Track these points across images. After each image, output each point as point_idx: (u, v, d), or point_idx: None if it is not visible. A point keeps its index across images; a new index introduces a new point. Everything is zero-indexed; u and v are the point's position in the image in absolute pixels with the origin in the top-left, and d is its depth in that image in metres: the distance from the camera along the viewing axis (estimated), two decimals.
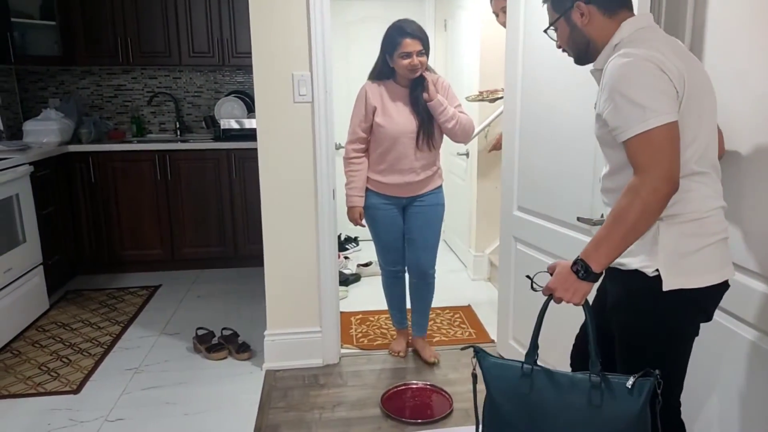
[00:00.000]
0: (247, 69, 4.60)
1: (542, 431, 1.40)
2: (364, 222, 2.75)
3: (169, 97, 4.59)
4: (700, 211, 1.34)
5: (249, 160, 4.14)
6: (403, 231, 2.77)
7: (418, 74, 2.51)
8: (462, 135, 2.65)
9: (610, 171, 1.46)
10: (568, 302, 1.39)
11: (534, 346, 1.46)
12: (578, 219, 2.14)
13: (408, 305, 2.96)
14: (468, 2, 3.98)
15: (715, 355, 1.70)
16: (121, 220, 4.13)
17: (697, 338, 1.49)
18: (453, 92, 2.67)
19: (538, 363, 1.45)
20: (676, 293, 1.34)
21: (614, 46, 1.39)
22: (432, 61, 2.82)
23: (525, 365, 1.43)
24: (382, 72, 2.59)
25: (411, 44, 2.44)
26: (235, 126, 4.21)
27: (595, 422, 1.34)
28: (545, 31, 1.55)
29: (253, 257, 4.25)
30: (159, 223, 4.18)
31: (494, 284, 3.98)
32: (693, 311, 1.41)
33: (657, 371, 1.32)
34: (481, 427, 1.51)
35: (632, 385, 1.31)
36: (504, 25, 2.75)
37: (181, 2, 4.15)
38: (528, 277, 1.53)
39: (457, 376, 2.74)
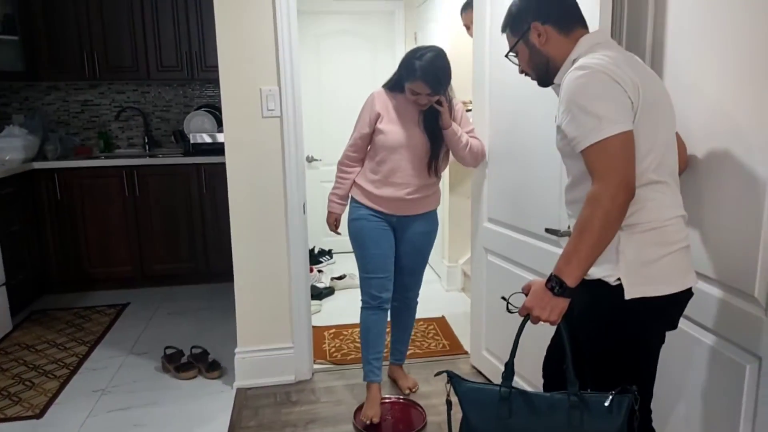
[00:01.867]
0: (217, 82, 4.46)
1: None
2: (339, 231, 2.59)
3: (137, 112, 4.53)
4: (659, 220, 1.36)
5: (219, 174, 4.05)
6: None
7: (423, 108, 2.37)
8: (472, 161, 2.52)
9: (571, 182, 1.48)
10: (545, 321, 1.37)
11: (511, 370, 1.44)
12: (546, 230, 2.15)
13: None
14: (438, 15, 4.02)
15: (681, 362, 1.72)
16: (89, 238, 4.04)
17: (663, 345, 1.50)
18: (466, 117, 2.55)
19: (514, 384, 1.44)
20: (639, 302, 1.35)
21: (572, 61, 1.41)
22: None
23: (503, 389, 1.40)
24: (396, 84, 2.42)
25: (422, 87, 2.27)
26: (206, 140, 4.17)
27: None
28: (506, 56, 1.57)
29: (225, 273, 4.16)
30: (128, 240, 4.10)
31: (468, 295, 3.98)
32: (656, 320, 1.42)
33: (634, 387, 1.33)
34: None
35: (610, 403, 1.31)
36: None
37: (149, 16, 4.11)
38: (503, 298, 1.51)
39: (430, 389, 2.72)
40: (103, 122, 4.51)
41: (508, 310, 1.48)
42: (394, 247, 2.51)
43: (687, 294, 1.42)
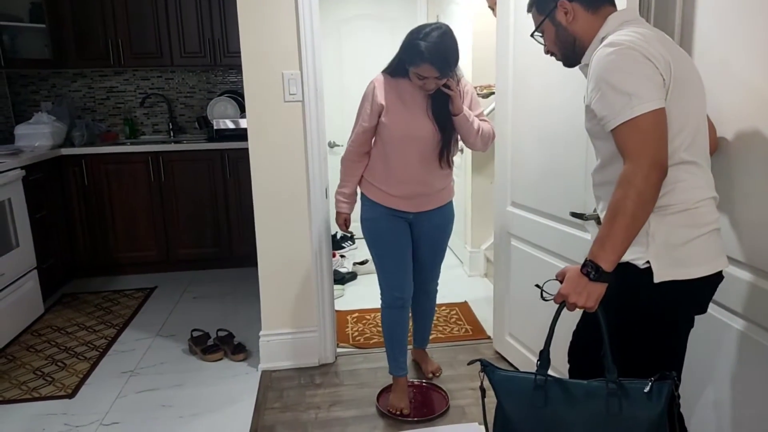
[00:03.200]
0: (240, 68, 4.53)
1: None
2: (351, 230, 2.53)
3: (161, 98, 4.57)
4: (690, 202, 1.33)
5: (243, 160, 4.11)
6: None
7: (431, 92, 2.18)
8: (482, 146, 2.31)
9: (601, 164, 1.46)
10: (582, 307, 1.34)
11: (547, 358, 1.42)
12: (571, 214, 2.12)
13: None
14: None
15: (709, 347, 1.69)
16: (116, 222, 4.11)
17: (691, 330, 1.48)
18: (477, 99, 2.35)
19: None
20: (668, 285, 1.33)
21: (601, 39, 1.38)
22: None
23: (538, 377, 1.38)
24: (397, 69, 2.21)
25: (429, 71, 2.06)
26: (229, 126, 4.20)
27: (616, 430, 1.32)
28: (532, 35, 1.54)
29: (248, 257, 4.22)
30: (153, 225, 4.17)
31: (490, 280, 3.97)
32: (686, 303, 1.40)
33: (674, 373, 1.31)
34: None
35: (650, 389, 1.30)
36: None
37: (172, 3, 4.13)
38: (538, 286, 1.48)
39: (453, 374, 2.73)
40: (128, 108, 4.56)
41: (543, 298, 1.45)
42: (411, 243, 2.40)
43: (717, 277, 1.39)
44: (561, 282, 1.39)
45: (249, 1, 2.51)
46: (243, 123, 4.21)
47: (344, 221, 2.45)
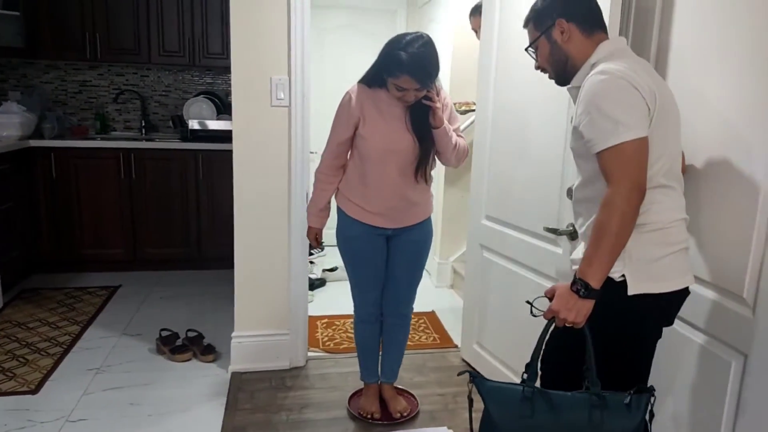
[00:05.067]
0: (218, 70, 4.58)
1: None
2: (323, 244, 2.49)
3: (135, 95, 4.53)
4: (664, 222, 1.44)
5: (217, 161, 4.12)
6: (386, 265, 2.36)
7: (409, 104, 2.11)
8: (456, 162, 2.25)
9: (582, 182, 1.55)
10: (570, 323, 1.42)
11: (534, 371, 1.49)
12: (545, 229, 2.23)
13: None
14: (440, 15, 4.09)
15: (670, 359, 1.80)
16: (83, 218, 4.04)
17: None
18: (455, 113, 2.27)
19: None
20: (641, 298, 1.43)
21: (591, 65, 1.48)
22: None
23: (526, 389, 1.45)
24: (374, 79, 2.13)
25: (410, 82, 2.00)
26: (206, 127, 4.19)
27: None
28: (527, 49, 1.63)
29: (217, 260, 4.23)
30: (121, 222, 4.11)
31: (457, 292, 4.07)
32: (656, 315, 1.50)
33: (652, 386, 1.41)
34: None
35: (629, 401, 1.40)
36: None
37: (153, 0, 4.11)
38: (528, 302, 1.55)
39: (422, 380, 2.79)
40: (100, 104, 4.50)
41: (533, 314, 1.51)
42: (386, 260, 2.34)
43: (685, 292, 1.50)
44: (550, 299, 1.47)
45: (241, 5, 2.54)
46: (219, 125, 4.22)
47: (315, 236, 2.38)
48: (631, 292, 1.42)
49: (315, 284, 4.03)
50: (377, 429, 2.38)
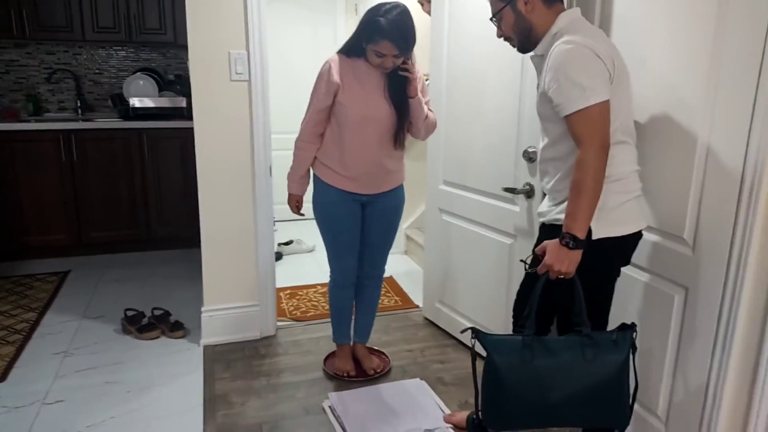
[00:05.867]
0: (155, 46, 4.47)
1: (546, 389, 1.60)
2: (303, 212, 2.48)
3: (69, 74, 4.35)
4: (622, 173, 1.63)
5: (162, 139, 4.06)
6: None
7: (388, 71, 2.21)
8: (425, 134, 2.37)
9: (550, 142, 1.72)
10: (564, 274, 1.59)
11: (532, 321, 1.64)
12: (504, 189, 2.41)
13: None
14: None
15: (622, 299, 2.02)
16: (23, 204, 3.89)
17: None
18: (425, 86, 2.38)
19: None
20: (603, 241, 1.62)
21: (553, 35, 1.64)
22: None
23: (526, 337, 1.61)
24: (353, 48, 2.22)
25: (389, 48, 2.10)
26: (148, 104, 4.10)
27: (590, 373, 1.59)
28: (491, 19, 1.76)
29: (167, 240, 4.21)
30: (64, 207, 3.98)
31: (411, 257, 4.24)
32: (616, 255, 1.71)
33: (634, 323, 1.62)
34: (480, 399, 1.69)
35: (616, 338, 1.61)
36: (429, 13, 2.96)
37: None
38: (522, 261, 1.73)
39: (389, 338, 2.96)
40: (31, 84, 4.29)
41: (527, 270, 1.69)
42: (362, 223, 2.44)
43: (639, 234, 1.72)
44: (541, 256, 1.63)
45: None
46: (163, 101, 4.14)
47: (296, 203, 2.45)
48: (595, 236, 1.61)
49: None
50: (354, 385, 2.52)
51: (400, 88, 2.23)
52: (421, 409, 2.34)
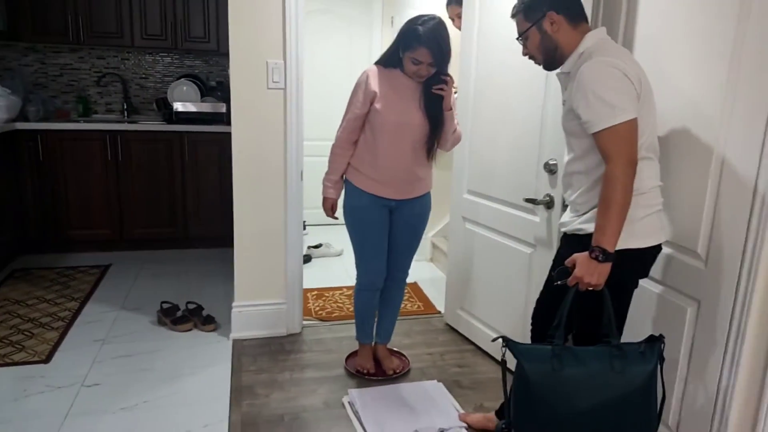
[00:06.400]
0: (198, 53, 4.68)
1: (575, 399, 1.63)
2: (336, 215, 2.57)
3: (117, 78, 4.59)
4: (644, 188, 1.69)
5: (202, 143, 4.24)
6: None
7: (422, 80, 2.32)
8: (450, 146, 2.48)
9: (574, 157, 1.78)
10: (593, 286, 1.63)
11: (561, 332, 1.67)
12: (525, 200, 2.48)
13: None
14: (416, 1, 4.27)
15: (636, 310, 2.07)
16: (69, 200, 4.12)
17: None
18: (455, 100, 2.49)
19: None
20: (624, 253, 1.67)
21: (580, 54, 1.71)
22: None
23: (556, 347, 1.65)
24: (391, 59, 2.34)
25: (425, 55, 2.22)
26: (191, 109, 4.30)
27: (618, 383, 1.63)
28: (517, 39, 1.84)
29: (203, 239, 4.38)
30: (108, 203, 4.20)
31: (436, 264, 4.32)
32: (636, 267, 1.77)
33: (662, 335, 1.66)
34: (512, 405, 1.73)
35: (644, 350, 1.65)
36: (459, 28, 3.05)
37: None
38: (552, 273, 1.77)
39: (410, 342, 3.04)
40: (82, 87, 4.54)
41: (556, 282, 1.73)
42: (389, 230, 2.53)
43: (659, 248, 1.77)
44: (571, 269, 1.68)
45: None
46: (204, 107, 4.33)
47: (331, 206, 2.53)
48: (617, 247, 1.66)
49: (303, 260, 4.22)
50: (374, 383, 2.61)
51: (434, 101, 2.33)
52: (436, 408, 2.42)
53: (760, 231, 1.64)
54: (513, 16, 1.84)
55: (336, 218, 2.58)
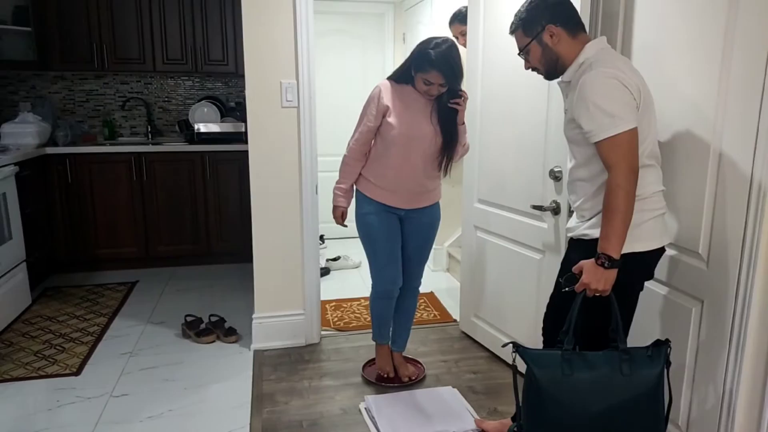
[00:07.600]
0: (218, 76, 4.84)
1: (585, 403, 1.67)
2: (346, 224, 2.64)
3: (140, 102, 4.77)
4: (647, 193, 1.74)
5: (222, 162, 4.39)
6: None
7: (433, 98, 2.42)
8: (458, 157, 2.58)
9: (577, 164, 1.84)
10: (600, 292, 1.68)
11: (571, 337, 1.72)
12: (532, 206, 2.55)
13: None
14: (426, 17, 4.39)
15: (642, 311, 2.11)
16: (97, 220, 4.28)
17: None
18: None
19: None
20: (629, 256, 1.71)
21: (580, 63, 1.77)
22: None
23: (565, 352, 1.70)
24: (403, 75, 2.45)
25: (436, 77, 2.33)
26: (212, 129, 4.45)
27: (627, 387, 1.67)
28: (519, 54, 1.90)
29: (225, 254, 4.51)
30: (134, 222, 4.36)
31: (452, 274, 4.38)
32: (640, 270, 1.82)
33: (668, 339, 1.70)
34: (522, 410, 1.78)
35: (651, 353, 1.70)
36: (465, 46, 3.15)
37: (156, 11, 4.36)
38: (560, 280, 1.83)
39: (426, 350, 3.10)
40: (107, 111, 4.74)
41: (564, 289, 1.78)
42: (401, 238, 2.61)
43: (662, 250, 1.82)
44: (578, 275, 1.74)
45: (252, 16, 2.82)
46: (224, 127, 4.48)
47: (341, 214, 2.61)
48: (622, 251, 1.69)
49: (320, 273, 4.31)
50: (390, 390, 2.68)
51: (447, 116, 2.43)
52: (451, 413, 2.47)
53: (756, 232, 1.68)
54: (512, 32, 1.89)
55: (345, 226, 2.66)
